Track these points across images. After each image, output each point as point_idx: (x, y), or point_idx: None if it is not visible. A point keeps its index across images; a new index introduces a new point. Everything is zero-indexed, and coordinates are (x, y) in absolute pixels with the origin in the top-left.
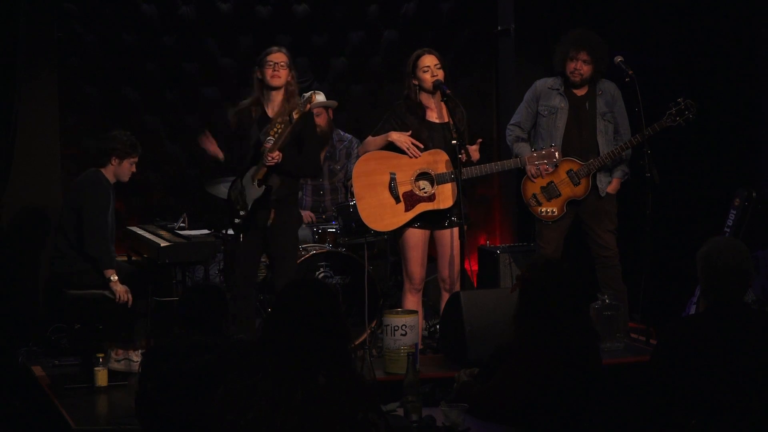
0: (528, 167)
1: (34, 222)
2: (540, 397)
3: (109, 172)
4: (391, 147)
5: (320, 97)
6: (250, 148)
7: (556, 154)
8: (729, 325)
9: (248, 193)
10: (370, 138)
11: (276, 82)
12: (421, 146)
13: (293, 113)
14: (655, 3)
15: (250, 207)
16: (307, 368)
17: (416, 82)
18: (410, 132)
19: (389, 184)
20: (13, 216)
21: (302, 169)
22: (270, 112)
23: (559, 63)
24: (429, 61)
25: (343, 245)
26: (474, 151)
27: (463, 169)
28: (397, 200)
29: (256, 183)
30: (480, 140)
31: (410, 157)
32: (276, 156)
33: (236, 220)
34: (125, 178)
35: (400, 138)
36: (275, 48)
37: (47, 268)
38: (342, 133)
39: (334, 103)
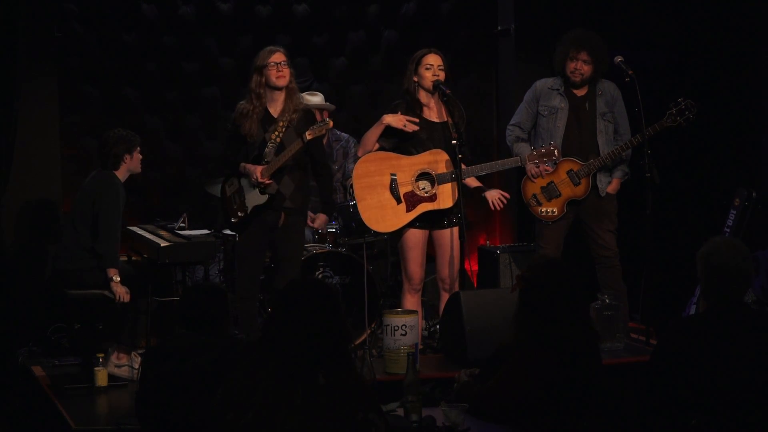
0: (528, 166)
1: (34, 222)
2: (540, 397)
3: (122, 171)
4: (390, 149)
5: (316, 99)
6: (255, 147)
7: (555, 152)
8: (729, 325)
9: (248, 197)
10: (365, 134)
11: (281, 82)
12: (417, 120)
13: (306, 134)
14: (655, 3)
15: (249, 210)
16: (307, 368)
17: (416, 79)
18: (406, 119)
19: (390, 185)
20: (13, 216)
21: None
22: (273, 112)
23: (559, 63)
24: (433, 60)
25: (343, 245)
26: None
27: (464, 169)
28: (398, 201)
29: (258, 190)
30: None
31: (409, 133)
32: (267, 182)
33: (233, 220)
34: (138, 168)
35: (394, 119)
36: (273, 48)
37: (48, 268)
38: (338, 132)
39: (331, 106)
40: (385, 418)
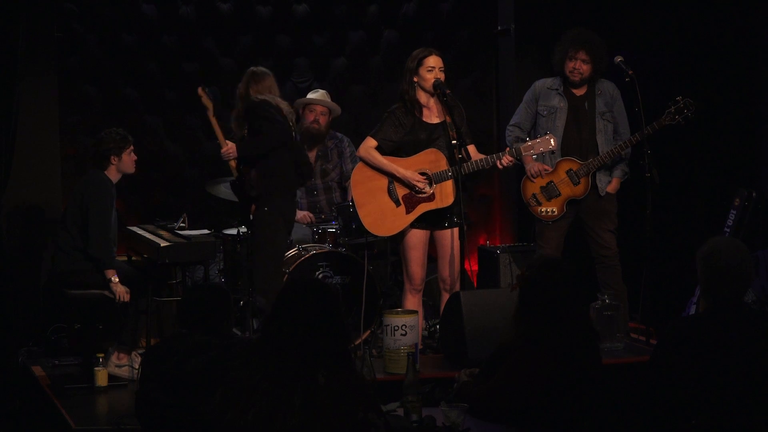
0: (527, 165)
1: (34, 222)
2: (540, 397)
3: (112, 172)
4: (390, 153)
5: (314, 95)
6: None
7: (552, 141)
8: (729, 325)
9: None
10: (377, 154)
11: None
12: (425, 179)
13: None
14: (655, 3)
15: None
16: (307, 368)
17: (416, 80)
18: (406, 134)
19: (388, 188)
20: (13, 216)
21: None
22: None
23: (558, 62)
24: (434, 62)
25: (343, 245)
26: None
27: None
28: (398, 203)
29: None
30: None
31: (418, 191)
32: (225, 150)
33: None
34: (131, 168)
35: (406, 175)
36: None
37: (48, 268)
38: (332, 131)
39: (321, 100)
40: (385, 418)
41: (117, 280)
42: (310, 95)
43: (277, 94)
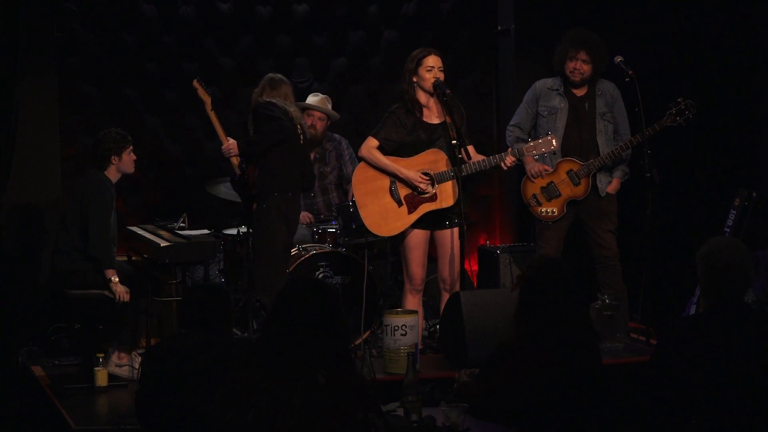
0: (528, 166)
1: (34, 222)
2: (540, 397)
3: (112, 172)
4: (391, 152)
5: (314, 99)
6: None
7: (554, 141)
8: (729, 325)
9: None
10: (378, 154)
11: None
12: (427, 179)
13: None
14: (655, 3)
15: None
16: (307, 368)
17: (416, 80)
18: (408, 134)
19: (390, 188)
20: (13, 216)
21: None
22: None
23: (559, 63)
24: (434, 61)
25: (343, 245)
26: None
27: (462, 166)
28: (399, 204)
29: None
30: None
31: (420, 192)
32: (226, 146)
33: None
34: (131, 168)
35: (408, 175)
36: None
37: (47, 268)
38: (330, 133)
39: (335, 115)
40: (384, 418)
41: (117, 280)
42: (310, 99)
43: (292, 101)
